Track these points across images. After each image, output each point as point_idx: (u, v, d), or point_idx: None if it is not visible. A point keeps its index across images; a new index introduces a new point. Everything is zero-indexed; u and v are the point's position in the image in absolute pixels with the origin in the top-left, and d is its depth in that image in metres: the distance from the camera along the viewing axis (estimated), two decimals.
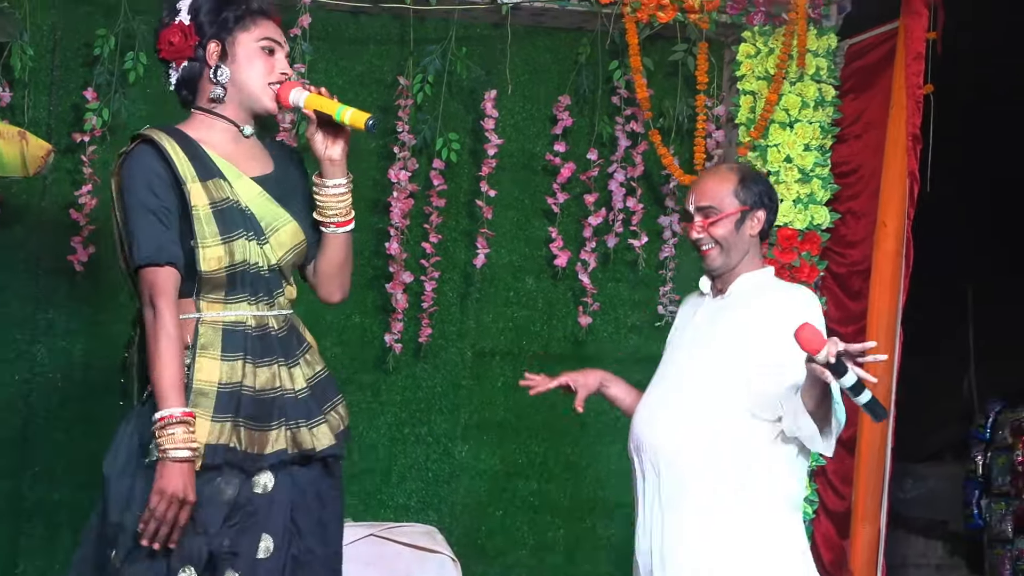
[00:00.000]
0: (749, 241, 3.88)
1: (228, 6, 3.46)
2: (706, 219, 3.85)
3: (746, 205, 3.85)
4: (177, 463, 3.20)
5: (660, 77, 5.88)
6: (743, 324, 3.76)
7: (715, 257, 3.87)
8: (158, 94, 5.59)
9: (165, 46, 3.46)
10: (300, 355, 3.49)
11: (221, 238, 3.37)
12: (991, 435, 8.55)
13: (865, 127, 5.79)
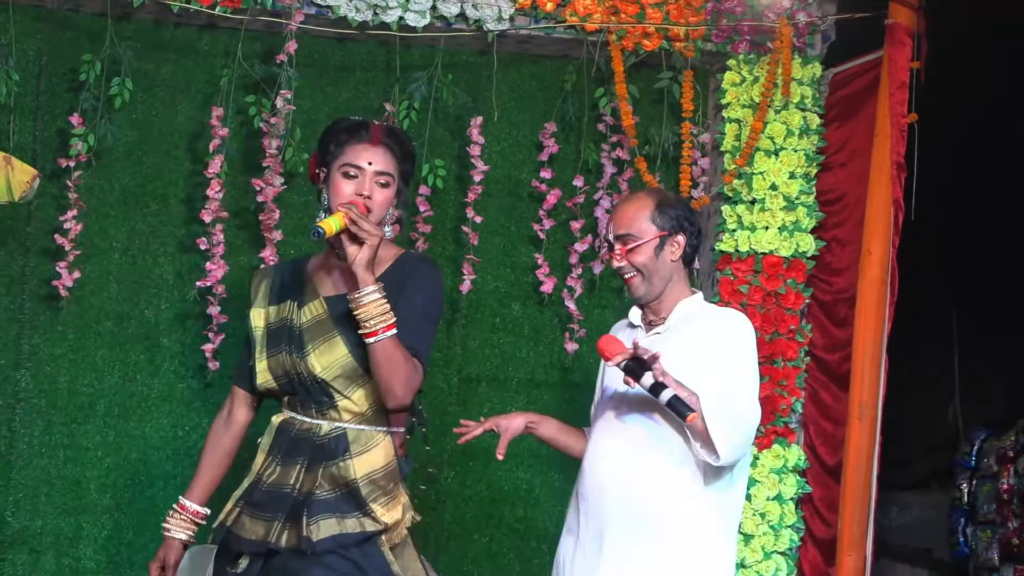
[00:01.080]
0: (672, 267, 3.92)
1: (337, 134, 3.87)
2: (625, 247, 3.89)
3: (664, 230, 3.88)
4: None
5: (646, 104, 5.89)
6: (680, 361, 3.77)
7: (638, 285, 3.91)
8: (144, 120, 5.63)
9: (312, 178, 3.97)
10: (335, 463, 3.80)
11: (267, 353, 3.93)
12: (976, 463, 8.56)
13: (850, 155, 5.79)
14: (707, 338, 3.83)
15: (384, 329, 3.67)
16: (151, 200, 5.65)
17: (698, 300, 3.99)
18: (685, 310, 3.92)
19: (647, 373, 3.59)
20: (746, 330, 3.89)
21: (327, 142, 3.87)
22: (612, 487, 3.88)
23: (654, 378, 3.58)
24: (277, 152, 5.49)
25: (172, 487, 5.57)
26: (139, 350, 5.61)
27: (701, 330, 3.86)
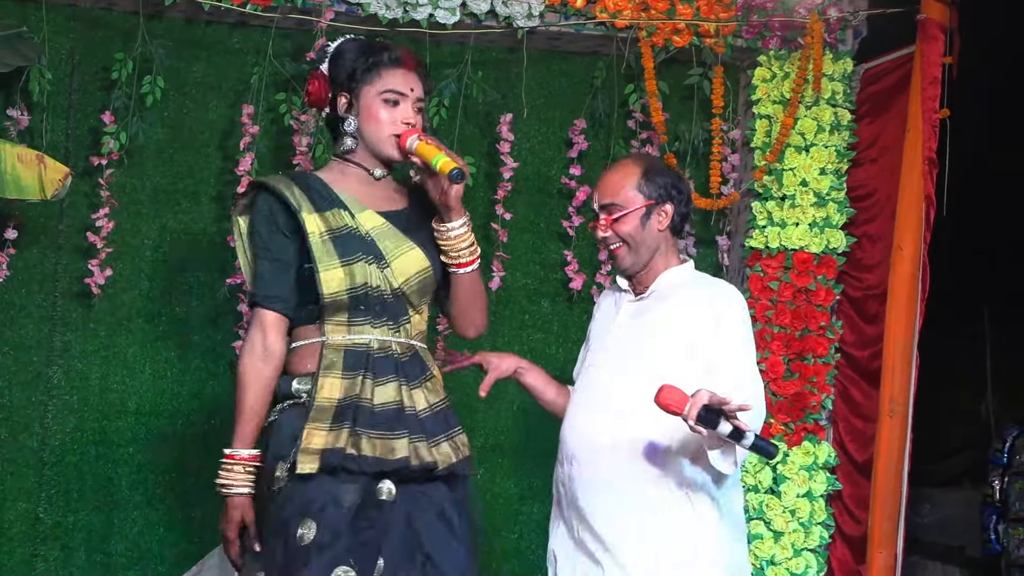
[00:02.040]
0: (659, 237, 3.78)
1: (360, 58, 3.64)
2: (610, 216, 3.76)
3: (651, 199, 3.75)
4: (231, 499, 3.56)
5: (675, 101, 5.89)
6: (666, 326, 3.67)
7: (624, 256, 3.78)
8: (175, 118, 5.65)
9: (310, 95, 3.70)
10: (422, 381, 3.61)
11: (340, 261, 3.55)
12: (1008, 460, 8.50)
13: (881, 151, 5.77)
14: (696, 307, 3.68)
15: (473, 260, 3.71)
16: (182, 198, 5.68)
17: (687, 269, 3.84)
18: (672, 278, 3.79)
19: (723, 422, 3.35)
20: (738, 301, 3.74)
21: (350, 66, 3.65)
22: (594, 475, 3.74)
23: (732, 425, 3.36)
24: (307, 149, 5.51)
25: (203, 483, 5.55)
26: (170, 347, 5.64)
27: (689, 298, 3.72)
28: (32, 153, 4.96)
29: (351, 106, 3.65)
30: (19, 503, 5.48)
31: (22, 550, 5.47)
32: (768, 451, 3.43)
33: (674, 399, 3.37)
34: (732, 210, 5.92)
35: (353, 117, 3.64)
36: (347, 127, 3.65)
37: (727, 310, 3.69)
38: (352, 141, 3.65)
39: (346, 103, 3.65)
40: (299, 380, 3.56)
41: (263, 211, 3.62)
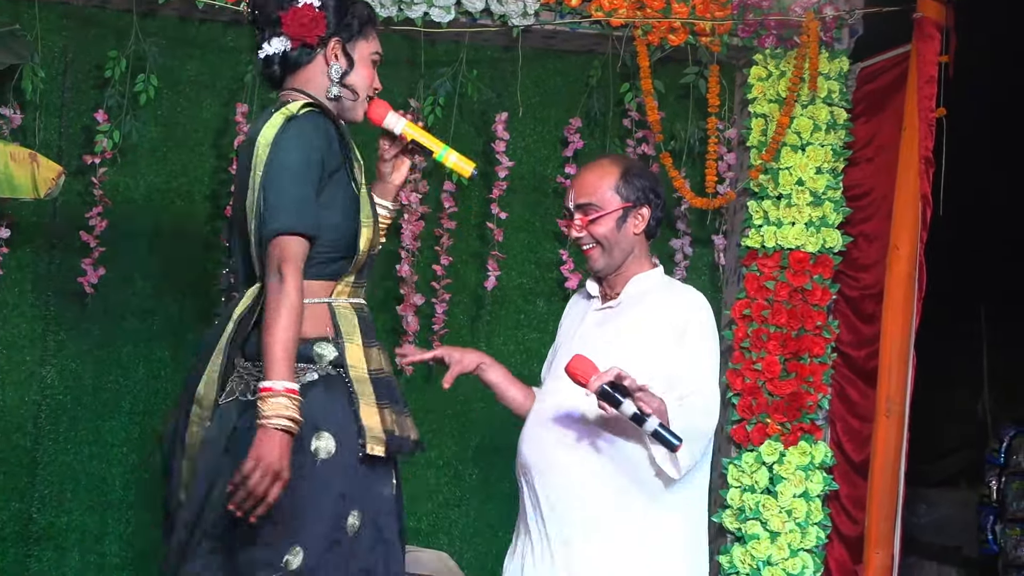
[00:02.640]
0: (633, 240, 3.72)
1: (351, 4, 3.43)
2: (585, 217, 3.70)
3: (628, 202, 3.70)
4: (278, 432, 3.04)
5: (671, 100, 5.87)
6: (630, 336, 3.61)
7: (597, 258, 3.72)
8: (169, 116, 5.65)
9: (293, 23, 3.33)
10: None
11: (371, 218, 3.36)
12: (1006, 459, 8.51)
13: (877, 150, 5.76)
14: (662, 316, 3.63)
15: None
16: (176, 197, 5.67)
17: (656, 275, 3.78)
18: (641, 285, 3.73)
19: (627, 401, 3.35)
20: (704, 312, 3.68)
21: (352, 15, 3.41)
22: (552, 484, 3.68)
23: (636, 408, 3.35)
24: None
25: None
26: (164, 346, 5.62)
27: (656, 306, 3.66)
28: (25, 152, 4.93)
29: (339, 55, 3.38)
30: (12, 503, 5.46)
31: (15, 550, 5.45)
32: (669, 442, 3.38)
33: (582, 370, 3.38)
34: (728, 209, 5.91)
35: (338, 65, 3.37)
36: (333, 74, 3.36)
37: (692, 320, 3.65)
38: (338, 90, 3.37)
39: (337, 50, 3.38)
40: (318, 344, 3.22)
41: (322, 138, 3.25)
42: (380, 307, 5.73)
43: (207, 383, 3.26)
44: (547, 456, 3.69)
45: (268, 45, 3.38)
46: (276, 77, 3.41)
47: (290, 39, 3.35)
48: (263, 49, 3.39)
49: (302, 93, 3.36)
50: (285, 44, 3.36)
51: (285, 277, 3.11)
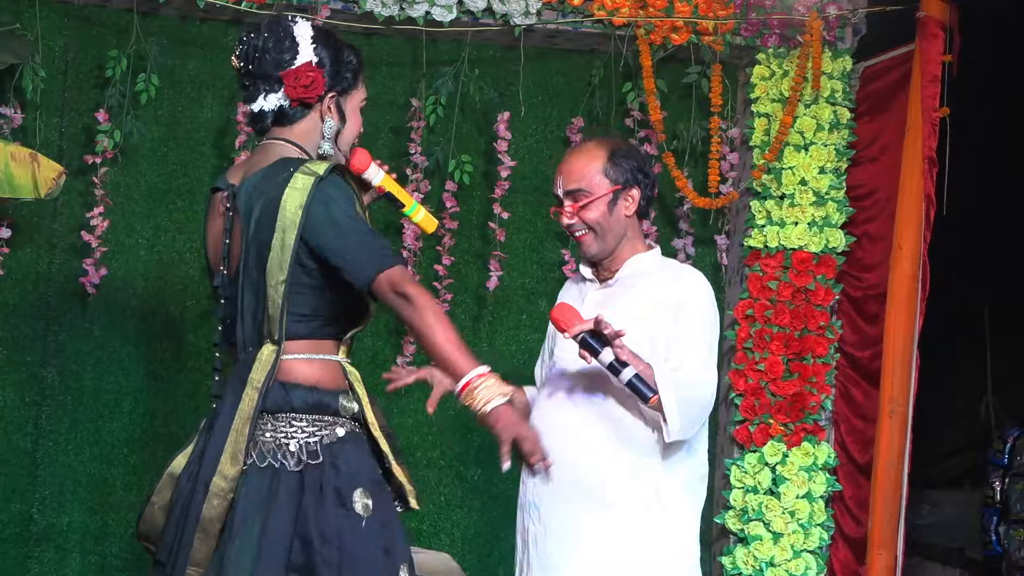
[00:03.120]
0: (626, 222, 3.69)
1: (346, 57, 3.39)
2: (576, 203, 3.66)
3: (618, 184, 3.66)
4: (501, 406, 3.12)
5: (674, 99, 5.86)
6: (630, 315, 3.57)
7: (590, 243, 3.69)
8: (170, 116, 5.63)
9: (295, 85, 3.29)
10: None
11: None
12: (1009, 461, 8.47)
13: (881, 150, 5.75)
14: (660, 295, 3.62)
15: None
16: (177, 196, 5.65)
17: (654, 255, 3.76)
18: (638, 266, 3.71)
19: (606, 349, 3.36)
20: (702, 289, 3.66)
21: (347, 68, 3.38)
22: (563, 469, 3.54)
23: (614, 355, 3.36)
24: None
25: None
26: (165, 347, 5.61)
27: (654, 286, 3.65)
28: (25, 151, 4.91)
29: (333, 111, 3.37)
30: (13, 504, 5.45)
31: (16, 551, 5.44)
32: (643, 392, 3.39)
33: (565, 317, 3.42)
34: (731, 209, 5.90)
35: (333, 120, 3.36)
36: (327, 131, 3.35)
37: (689, 297, 3.63)
38: (330, 146, 3.36)
39: (332, 104, 3.37)
40: (342, 396, 3.25)
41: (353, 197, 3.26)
42: (380, 308, 5.70)
43: (233, 456, 3.14)
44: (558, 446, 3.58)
45: (264, 100, 3.33)
46: (266, 128, 3.36)
47: (288, 98, 3.32)
48: (257, 103, 3.34)
49: (294, 145, 3.32)
50: (282, 101, 3.32)
51: (412, 295, 3.12)
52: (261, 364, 3.18)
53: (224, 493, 3.13)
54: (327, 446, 3.19)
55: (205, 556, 3.14)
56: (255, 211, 3.21)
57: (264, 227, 3.19)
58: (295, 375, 3.21)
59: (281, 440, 3.17)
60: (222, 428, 3.16)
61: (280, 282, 3.16)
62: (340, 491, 3.14)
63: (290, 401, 3.19)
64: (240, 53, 3.34)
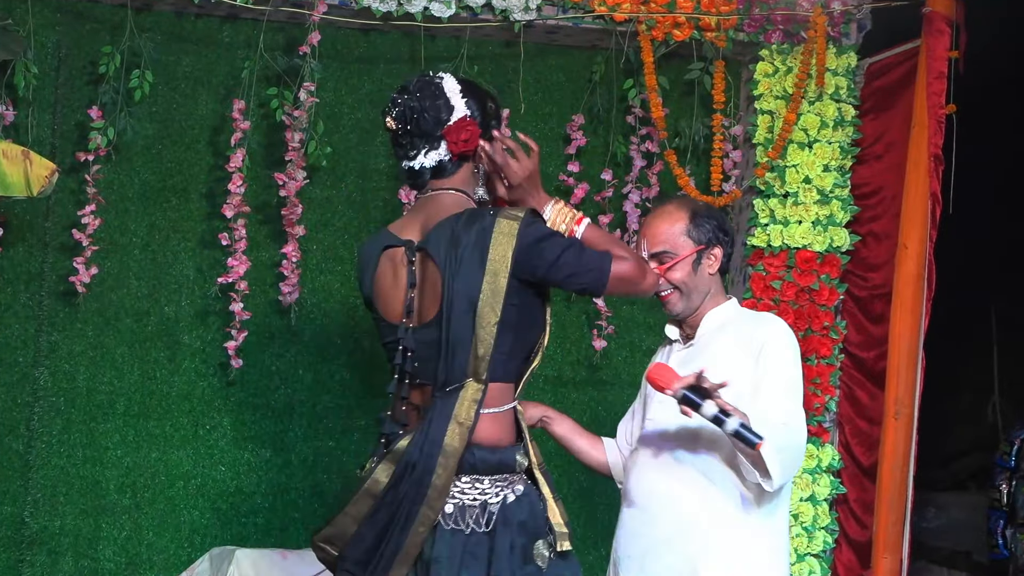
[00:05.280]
0: (709, 280, 3.82)
1: (489, 106, 3.59)
2: (661, 265, 3.77)
3: (701, 244, 3.79)
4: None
5: (676, 96, 5.82)
6: (714, 366, 3.60)
7: (675, 302, 3.82)
8: (164, 113, 5.58)
9: (456, 141, 3.48)
10: None
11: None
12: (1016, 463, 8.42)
13: (886, 147, 5.69)
14: (742, 344, 3.72)
15: None
16: (171, 195, 5.59)
17: (732, 306, 3.88)
18: (718, 318, 3.83)
19: (708, 402, 3.41)
20: (786, 337, 3.76)
21: (492, 115, 3.60)
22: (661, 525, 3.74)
23: (717, 407, 3.41)
24: (300, 146, 5.43)
25: (192, 487, 5.53)
26: (159, 347, 5.55)
27: (737, 338, 3.75)
28: (18, 149, 4.84)
29: (482, 156, 3.55)
30: (4, 507, 5.38)
31: (7, 555, 5.38)
32: (750, 440, 3.43)
33: (663, 376, 3.48)
34: (734, 207, 5.84)
35: (484, 166, 3.56)
36: (483, 179, 3.57)
37: (768, 342, 3.71)
38: (484, 191, 3.57)
39: (484, 153, 3.55)
40: (519, 453, 3.43)
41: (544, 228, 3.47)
42: None
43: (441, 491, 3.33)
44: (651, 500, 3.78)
45: (424, 157, 3.51)
46: (424, 182, 3.54)
47: (450, 152, 3.50)
48: (415, 160, 3.51)
49: (459, 192, 3.51)
50: (443, 156, 3.50)
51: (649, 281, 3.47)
52: (466, 403, 3.35)
53: (429, 523, 3.33)
54: (509, 505, 3.37)
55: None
56: (458, 259, 3.37)
57: (472, 274, 3.35)
58: (479, 435, 3.36)
59: (467, 503, 3.37)
60: (428, 462, 3.33)
61: (492, 324, 3.35)
62: (525, 548, 3.35)
63: (474, 463, 3.36)
64: (397, 115, 3.52)
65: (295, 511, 5.61)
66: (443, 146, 3.48)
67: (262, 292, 5.56)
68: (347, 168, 5.72)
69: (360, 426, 5.66)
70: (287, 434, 5.63)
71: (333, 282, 5.70)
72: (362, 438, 5.63)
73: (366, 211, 5.72)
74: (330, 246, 5.69)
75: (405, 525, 3.33)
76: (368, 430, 5.64)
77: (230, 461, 5.57)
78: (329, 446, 5.65)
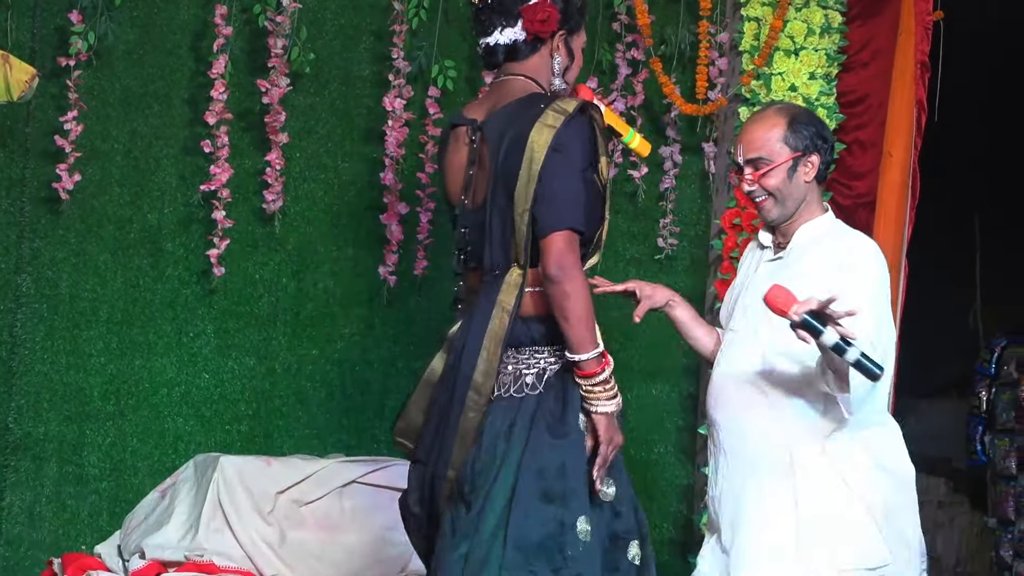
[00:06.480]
0: (805, 188, 3.73)
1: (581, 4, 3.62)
2: (756, 171, 3.70)
3: (798, 151, 3.70)
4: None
5: (662, 3, 5.79)
6: (801, 284, 3.53)
7: (770, 208, 3.73)
8: (145, 18, 5.56)
9: (533, 19, 3.50)
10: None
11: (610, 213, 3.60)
12: (996, 370, 8.49)
13: (872, 55, 5.65)
14: (829, 264, 3.64)
15: None
16: (153, 101, 5.57)
17: (827, 220, 3.81)
18: (811, 232, 3.76)
19: (829, 329, 3.32)
20: (871, 254, 3.70)
21: (576, 9, 3.60)
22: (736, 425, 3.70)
23: (839, 336, 3.32)
24: (283, 52, 5.41)
25: (176, 394, 5.56)
26: (142, 255, 5.56)
27: (829, 254, 3.68)
28: None
29: (562, 49, 3.58)
30: None
31: None
32: (871, 371, 3.34)
33: (781, 299, 3.38)
34: (719, 116, 5.82)
35: (561, 57, 3.57)
36: (557, 68, 3.56)
37: (857, 263, 3.65)
38: (560, 82, 3.57)
39: (562, 44, 3.57)
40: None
41: (592, 139, 3.47)
42: (362, 216, 5.67)
43: (486, 373, 3.40)
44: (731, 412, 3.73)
45: (499, 34, 3.52)
46: (497, 62, 3.56)
47: (525, 31, 3.51)
48: (492, 36, 3.53)
49: (532, 80, 3.52)
50: (518, 35, 3.52)
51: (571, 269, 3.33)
52: (509, 287, 3.41)
53: (479, 407, 3.40)
54: (560, 374, 3.42)
55: (460, 460, 3.41)
56: (504, 142, 3.41)
57: (513, 158, 3.38)
58: (531, 309, 3.43)
59: (522, 371, 3.43)
60: (473, 347, 3.41)
61: (525, 210, 3.37)
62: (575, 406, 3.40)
63: (531, 335, 3.43)
64: None
65: (279, 418, 5.65)
66: (519, 24, 3.49)
67: (245, 200, 5.56)
68: (330, 75, 5.70)
69: (344, 334, 5.69)
70: (271, 342, 5.65)
71: (316, 190, 5.69)
72: (346, 346, 5.67)
73: (349, 118, 5.70)
74: (313, 154, 5.68)
75: (458, 410, 3.40)
76: (352, 339, 5.66)
77: (214, 369, 5.60)
78: (313, 354, 5.67)
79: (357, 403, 5.67)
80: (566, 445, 3.36)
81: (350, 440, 5.62)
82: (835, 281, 3.53)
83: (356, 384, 5.68)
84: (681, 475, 5.89)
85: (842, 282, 3.52)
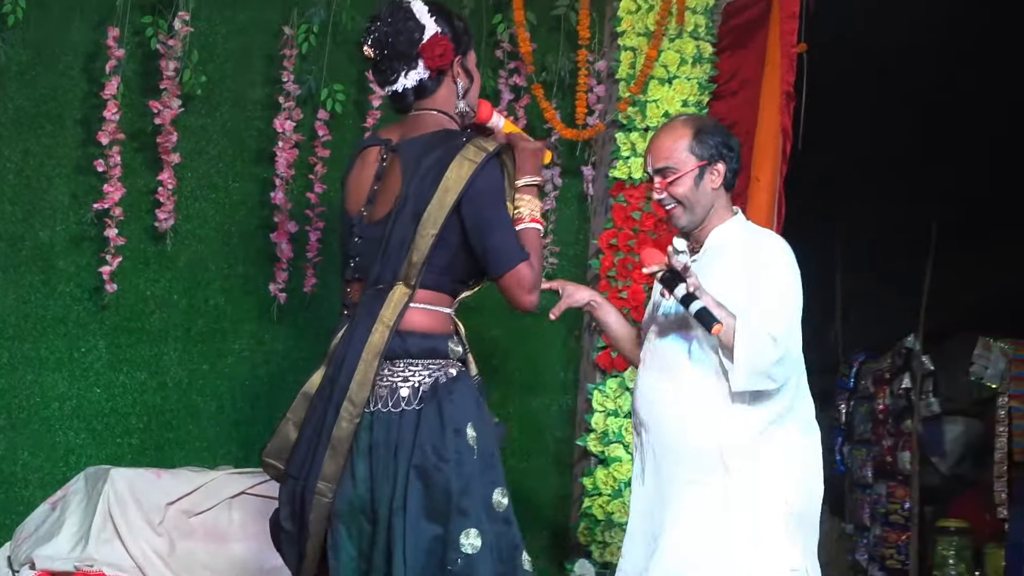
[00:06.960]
0: (712, 195, 3.88)
1: (456, 22, 3.67)
2: (664, 180, 3.85)
3: (704, 160, 3.85)
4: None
5: (543, 31, 5.93)
6: (716, 284, 3.72)
7: (680, 215, 3.89)
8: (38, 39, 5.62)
9: (431, 56, 3.57)
10: None
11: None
12: (855, 384, 8.77)
13: (741, 84, 5.84)
14: (741, 261, 3.80)
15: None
16: (46, 121, 5.58)
17: (737, 222, 3.94)
18: (723, 235, 3.89)
19: (681, 284, 3.58)
20: (779, 251, 3.84)
21: (462, 31, 3.66)
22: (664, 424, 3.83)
23: (687, 289, 3.57)
24: (175, 74, 5.45)
25: (68, 407, 5.55)
26: (34, 271, 5.56)
27: (740, 255, 3.82)
28: None
29: (462, 73, 3.65)
30: None
31: None
32: (708, 322, 3.59)
33: (649, 257, 3.68)
34: (597, 141, 5.99)
35: (463, 80, 3.65)
36: (460, 91, 3.65)
37: (770, 262, 3.80)
38: (464, 104, 3.66)
39: (460, 68, 3.64)
40: (451, 340, 3.53)
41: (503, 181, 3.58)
42: (253, 234, 5.75)
43: (362, 384, 3.43)
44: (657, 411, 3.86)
45: (404, 78, 3.60)
46: (409, 105, 3.63)
47: (428, 69, 3.59)
48: (397, 84, 3.60)
49: (443, 113, 3.62)
50: (422, 75, 3.60)
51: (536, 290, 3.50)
52: (393, 303, 3.47)
53: (352, 417, 3.42)
54: (443, 385, 3.45)
55: (334, 472, 3.44)
56: (421, 167, 3.49)
57: (427, 183, 3.47)
58: (411, 324, 3.48)
59: (397, 384, 3.45)
60: (352, 358, 3.44)
61: (431, 235, 3.45)
62: (456, 422, 3.42)
63: (407, 348, 3.46)
64: (373, 42, 3.59)
65: (169, 431, 5.69)
66: (420, 64, 3.57)
67: (137, 219, 5.59)
68: (222, 97, 5.75)
69: (234, 350, 5.75)
70: (162, 358, 5.68)
71: (208, 209, 5.74)
72: (236, 361, 5.75)
73: (241, 140, 5.77)
74: (205, 174, 5.73)
75: (331, 421, 3.44)
76: (241, 355, 5.73)
77: (105, 383, 5.61)
78: (204, 369, 5.72)
79: (247, 416, 5.72)
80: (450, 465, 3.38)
81: (239, 452, 5.66)
82: (751, 279, 3.72)
83: (246, 398, 5.73)
84: (559, 485, 6.04)
85: (756, 280, 3.72)
